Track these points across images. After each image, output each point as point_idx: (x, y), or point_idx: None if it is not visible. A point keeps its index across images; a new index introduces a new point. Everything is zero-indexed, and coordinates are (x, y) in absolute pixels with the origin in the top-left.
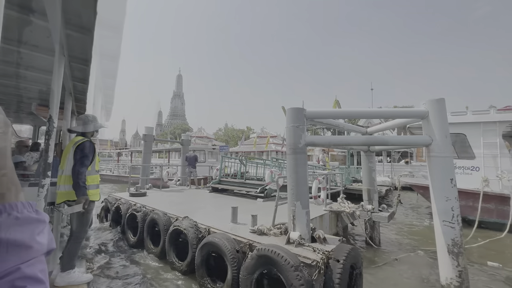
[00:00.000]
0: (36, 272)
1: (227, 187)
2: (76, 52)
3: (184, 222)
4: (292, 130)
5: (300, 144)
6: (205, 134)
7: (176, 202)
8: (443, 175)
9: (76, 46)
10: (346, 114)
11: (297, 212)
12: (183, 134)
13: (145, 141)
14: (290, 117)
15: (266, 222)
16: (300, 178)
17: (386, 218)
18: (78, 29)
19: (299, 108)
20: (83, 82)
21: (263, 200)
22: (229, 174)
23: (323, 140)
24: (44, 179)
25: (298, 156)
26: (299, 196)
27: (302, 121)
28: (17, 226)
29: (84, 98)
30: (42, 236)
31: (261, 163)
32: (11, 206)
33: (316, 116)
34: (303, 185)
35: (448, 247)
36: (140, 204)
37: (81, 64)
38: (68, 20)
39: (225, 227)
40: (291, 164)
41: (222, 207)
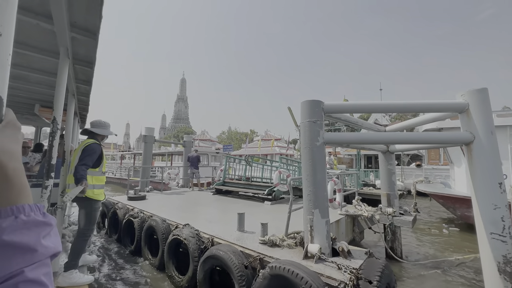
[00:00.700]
0: (40, 275)
1: (232, 188)
2: (81, 55)
3: (184, 231)
4: (308, 126)
5: (318, 142)
6: (208, 137)
7: (177, 206)
8: (489, 179)
9: (80, 49)
10: (372, 107)
11: (316, 221)
12: (186, 135)
13: (146, 143)
14: (305, 111)
15: (276, 229)
16: (318, 182)
17: (409, 222)
18: (83, 32)
19: (316, 100)
20: (87, 84)
21: (271, 203)
22: (234, 177)
23: (344, 137)
24: (47, 180)
25: (316, 156)
26: (318, 203)
27: (320, 115)
28: (24, 229)
29: (87, 99)
30: (48, 239)
31: (268, 165)
32: (19, 208)
33: (336, 109)
34: (322, 190)
35: (498, 265)
36: (138, 209)
37: (85, 67)
38: (73, 23)
39: (230, 236)
40: (307, 165)
41: (227, 211)
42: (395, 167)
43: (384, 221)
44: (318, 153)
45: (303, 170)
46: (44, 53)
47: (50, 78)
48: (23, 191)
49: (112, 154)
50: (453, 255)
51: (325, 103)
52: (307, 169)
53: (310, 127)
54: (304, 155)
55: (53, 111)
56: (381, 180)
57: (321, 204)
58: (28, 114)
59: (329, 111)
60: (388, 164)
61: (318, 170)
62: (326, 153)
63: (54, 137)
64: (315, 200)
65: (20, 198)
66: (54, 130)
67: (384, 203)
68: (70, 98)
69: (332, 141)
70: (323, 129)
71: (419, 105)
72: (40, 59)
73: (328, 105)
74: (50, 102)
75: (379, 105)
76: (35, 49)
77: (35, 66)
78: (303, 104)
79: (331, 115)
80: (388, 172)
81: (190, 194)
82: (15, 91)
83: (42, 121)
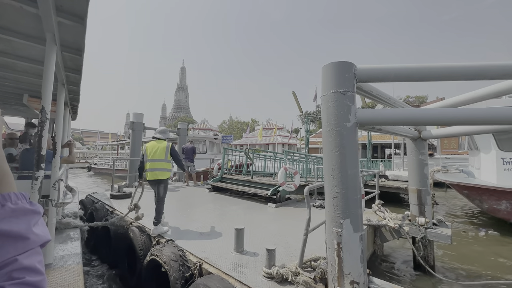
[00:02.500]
0: (35, 263)
1: (231, 186)
2: (69, 41)
3: (165, 251)
4: (333, 99)
5: (349, 122)
6: (209, 126)
7: (166, 208)
8: None
9: (68, 35)
10: (428, 71)
11: (346, 237)
12: (180, 123)
13: (134, 130)
14: (330, 78)
15: (285, 249)
16: (349, 180)
17: (448, 237)
18: (70, 16)
19: (346, 62)
20: (77, 72)
21: (275, 205)
22: (233, 166)
23: (390, 116)
24: (37, 171)
25: (346, 143)
26: (349, 210)
27: (351, 83)
28: (13, 217)
29: (78, 89)
30: (37, 227)
31: (271, 157)
32: (4, 197)
33: (376, 76)
34: (354, 192)
35: None
36: (118, 211)
37: (74, 54)
38: (59, 7)
39: (225, 261)
40: (332, 156)
41: (224, 216)
42: (427, 156)
43: (415, 233)
44: (349, 139)
45: (325, 164)
46: (30, 40)
47: (38, 66)
48: (4, 179)
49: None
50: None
51: (358, 67)
52: (332, 161)
53: (336, 100)
54: (327, 141)
55: (41, 100)
56: (410, 172)
57: (353, 212)
58: (16, 104)
59: (364, 79)
60: (420, 153)
61: (349, 163)
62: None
63: (43, 127)
64: (345, 206)
65: (3, 186)
66: (43, 120)
67: (414, 200)
68: (60, 88)
69: (370, 120)
70: (355, 104)
71: (497, 67)
72: (26, 46)
73: (364, 70)
74: (39, 92)
75: (447, 68)
76: (20, 35)
77: (21, 53)
78: (327, 68)
79: (361, 88)
80: (420, 163)
81: (184, 190)
82: (1, 81)
83: (32, 111)
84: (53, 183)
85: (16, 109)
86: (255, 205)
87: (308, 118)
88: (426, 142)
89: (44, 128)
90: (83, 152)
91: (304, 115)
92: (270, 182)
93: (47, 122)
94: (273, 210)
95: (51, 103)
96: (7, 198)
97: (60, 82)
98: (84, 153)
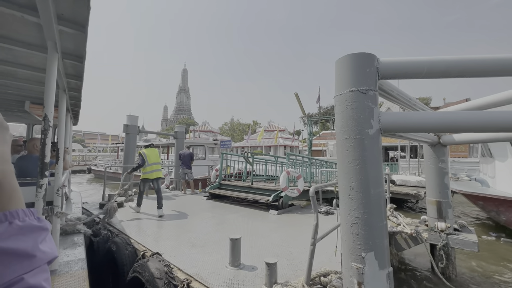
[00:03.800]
0: (41, 281)
1: (230, 193)
2: (69, 49)
3: (149, 266)
4: (351, 99)
5: (371, 128)
6: (210, 128)
7: (158, 218)
8: None
9: (69, 43)
10: (475, 64)
11: (369, 276)
12: (177, 125)
13: (127, 134)
14: (346, 72)
15: (284, 251)
16: (373, 203)
17: (474, 244)
18: (71, 24)
19: (366, 54)
20: (78, 79)
21: (277, 212)
22: (232, 174)
23: (422, 119)
24: (42, 178)
25: (367, 155)
26: (373, 240)
27: (373, 80)
28: (19, 235)
29: (79, 95)
30: (44, 244)
31: (272, 160)
32: (12, 214)
33: (403, 71)
34: (380, 217)
35: None
36: (106, 222)
37: (75, 61)
38: (60, 16)
39: (218, 277)
40: (349, 171)
41: (221, 225)
42: (448, 164)
43: (435, 240)
44: (372, 149)
45: (341, 181)
46: (31, 48)
47: (39, 74)
48: (14, 195)
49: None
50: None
51: (381, 60)
52: (350, 178)
53: (355, 101)
54: (344, 153)
55: (44, 108)
56: (429, 182)
57: (378, 243)
58: (18, 111)
59: (388, 74)
60: (439, 160)
61: (372, 180)
62: (334, 147)
63: (47, 134)
64: (368, 236)
65: (12, 203)
66: (46, 128)
67: (433, 213)
68: (61, 94)
69: (397, 126)
70: (378, 106)
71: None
72: (27, 54)
73: (389, 64)
74: (40, 99)
75: (502, 60)
76: (22, 44)
77: (23, 61)
78: (342, 62)
79: (381, 87)
80: (439, 171)
81: (181, 199)
82: (3, 88)
83: (33, 118)
84: (57, 189)
85: (17, 116)
86: (256, 213)
87: (311, 120)
88: (446, 148)
89: (48, 136)
90: (83, 154)
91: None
92: (272, 188)
93: (50, 130)
94: (275, 218)
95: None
96: (15, 216)
97: (62, 89)
98: (84, 155)
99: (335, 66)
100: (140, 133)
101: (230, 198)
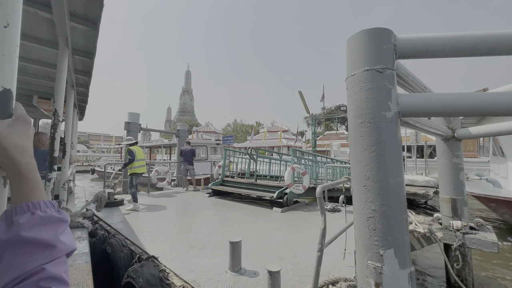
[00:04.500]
0: (61, 272)
1: (232, 189)
2: (80, 45)
3: (144, 272)
4: (365, 80)
5: (389, 111)
6: (213, 129)
7: (158, 217)
8: None
9: (79, 39)
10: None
11: (389, 276)
12: (180, 124)
13: (129, 131)
14: (360, 51)
15: (288, 254)
16: (392, 193)
17: (494, 244)
18: (83, 21)
19: (383, 29)
20: (86, 75)
21: (281, 210)
22: (235, 172)
23: (447, 101)
24: (50, 172)
25: (385, 140)
26: (392, 236)
27: (390, 58)
28: (41, 225)
29: (87, 91)
30: (64, 236)
31: (276, 158)
32: (34, 205)
33: (423, 48)
34: (400, 210)
35: None
36: (103, 221)
37: (85, 57)
38: (72, 12)
39: (216, 285)
40: (364, 159)
41: (222, 225)
42: (463, 160)
43: (450, 240)
44: (390, 134)
45: (355, 170)
46: (42, 43)
47: (48, 69)
48: (36, 187)
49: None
50: None
51: (399, 37)
52: (365, 166)
53: (370, 81)
54: (357, 138)
55: (54, 102)
56: (442, 178)
57: (398, 239)
58: (26, 105)
59: (406, 53)
60: (454, 155)
61: (390, 168)
62: (338, 146)
63: (56, 129)
64: (386, 231)
65: (34, 194)
66: (55, 123)
67: (447, 211)
68: (69, 90)
69: (418, 109)
70: (396, 86)
71: None
72: (38, 50)
73: (408, 40)
74: (48, 94)
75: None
76: (34, 39)
77: (34, 57)
78: (356, 39)
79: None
80: (453, 167)
81: (182, 196)
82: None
83: (40, 112)
84: (63, 183)
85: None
86: (259, 210)
87: (315, 120)
88: (461, 142)
89: (57, 130)
90: (87, 155)
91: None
92: (276, 184)
93: (60, 125)
94: (279, 216)
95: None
96: (37, 206)
97: (70, 84)
98: (88, 155)
99: (346, 45)
100: (141, 130)
101: (232, 195)
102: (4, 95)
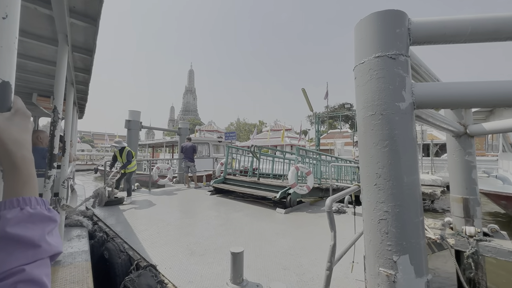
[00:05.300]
0: (42, 275)
1: (234, 188)
2: (79, 42)
3: (140, 282)
4: (376, 67)
5: (403, 101)
6: (216, 128)
7: (158, 217)
8: None
9: (79, 36)
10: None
11: (403, 285)
12: (181, 122)
13: (129, 129)
14: (370, 36)
15: (293, 263)
16: (407, 193)
17: (510, 253)
18: (82, 17)
19: (395, 11)
20: (86, 72)
21: (285, 211)
22: (238, 170)
23: (469, 89)
24: (50, 170)
25: (398, 134)
26: (407, 240)
27: (404, 43)
28: (29, 222)
29: (86, 89)
30: (51, 236)
31: (280, 157)
32: (25, 200)
33: (440, 33)
34: (415, 212)
35: None
36: (102, 222)
37: (85, 54)
38: (72, 8)
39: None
40: (375, 155)
41: (224, 225)
42: (475, 157)
43: (463, 247)
44: (404, 127)
45: (364, 167)
46: (42, 40)
47: (48, 66)
48: (29, 182)
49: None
50: None
51: (413, 20)
52: (376, 163)
53: (382, 69)
54: (368, 132)
55: (53, 100)
56: (453, 177)
57: (414, 244)
58: (25, 103)
59: (421, 38)
60: (466, 153)
61: (405, 165)
62: (341, 145)
63: (56, 126)
64: (400, 234)
65: (26, 189)
66: (55, 120)
67: (458, 212)
68: (69, 87)
69: (436, 99)
70: (410, 75)
71: None
72: (38, 47)
73: (423, 24)
74: (47, 91)
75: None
76: (33, 36)
77: (33, 54)
78: (365, 23)
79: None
80: (465, 165)
81: (184, 193)
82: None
83: (39, 110)
84: (63, 181)
85: None
86: (262, 211)
87: (318, 118)
88: (473, 139)
89: (57, 128)
90: (91, 154)
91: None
92: (279, 184)
93: (59, 122)
94: (282, 217)
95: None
96: (27, 202)
97: (70, 82)
98: (91, 155)
99: (354, 31)
100: (142, 128)
101: (235, 193)
102: (3, 88)
